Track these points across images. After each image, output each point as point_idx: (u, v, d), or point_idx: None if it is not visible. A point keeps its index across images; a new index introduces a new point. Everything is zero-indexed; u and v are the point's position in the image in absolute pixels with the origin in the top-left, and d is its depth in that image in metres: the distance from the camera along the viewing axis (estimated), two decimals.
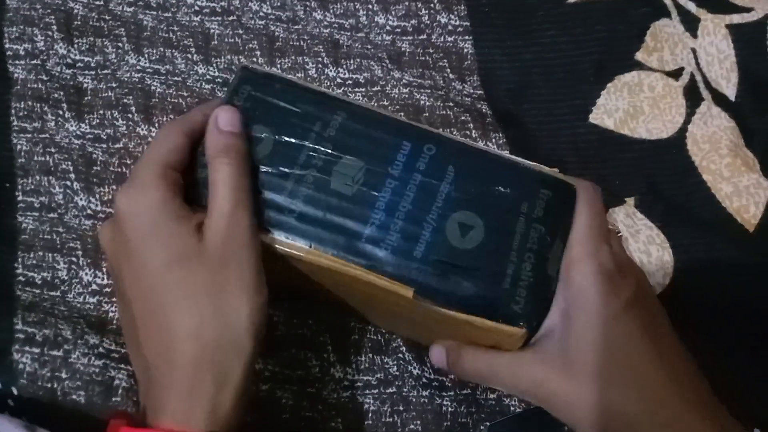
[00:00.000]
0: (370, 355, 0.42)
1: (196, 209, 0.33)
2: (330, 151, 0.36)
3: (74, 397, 0.38)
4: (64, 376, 0.38)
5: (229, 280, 0.30)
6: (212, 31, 0.48)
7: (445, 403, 0.41)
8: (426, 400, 0.41)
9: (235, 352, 0.29)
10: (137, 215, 0.31)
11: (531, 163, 0.37)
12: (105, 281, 0.41)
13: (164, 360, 0.30)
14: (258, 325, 0.30)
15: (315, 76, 0.48)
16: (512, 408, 0.41)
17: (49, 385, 0.38)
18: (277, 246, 0.34)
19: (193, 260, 0.30)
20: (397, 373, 0.41)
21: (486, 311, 0.33)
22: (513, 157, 0.38)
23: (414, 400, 0.41)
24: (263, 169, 0.35)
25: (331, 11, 0.50)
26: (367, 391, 0.41)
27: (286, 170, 0.35)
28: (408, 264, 0.34)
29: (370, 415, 0.40)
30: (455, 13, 0.51)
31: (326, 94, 0.38)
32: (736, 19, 0.51)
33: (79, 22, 0.47)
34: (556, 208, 0.35)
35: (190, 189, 0.34)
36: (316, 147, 0.36)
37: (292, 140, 0.36)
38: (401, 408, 0.41)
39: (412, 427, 0.40)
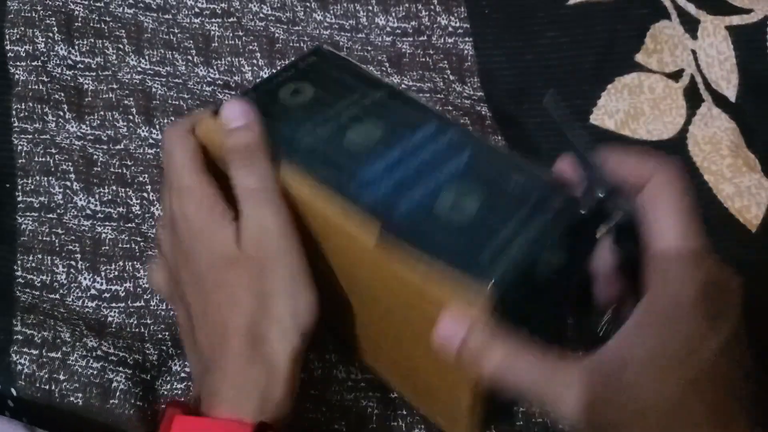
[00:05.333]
0: None
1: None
2: (358, 114, 0.35)
3: (72, 399, 0.37)
4: (62, 377, 0.37)
5: (271, 286, 0.31)
6: (212, 33, 0.48)
7: None
8: None
9: (283, 347, 0.31)
10: (188, 218, 0.32)
11: (557, 180, 0.33)
12: (104, 286, 0.41)
13: (219, 354, 0.31)
14: (304, 323, 0.31)
15: None
16: (520, 411, 0.41)
17: (47, 387, 0.37)
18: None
19: (235, 266, 0.31)
20: None
21: (453, 265, 0.29)
22: (540, 168, 0.34)
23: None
24: (295, 109, 0.35)
25: (331, 12, 0.50)
26: (371, 394, 0.40)
27: (313, 115, 0.35)
28: (387, 210, 0.31)
29: (374, 418, 0.40)
30: (455, 14, 0.51)
31: (379, 79, 0.38)
32: (736, 20, 0.51)
33: (79, 24, 0.47)
34: (568, 222, 0.31)
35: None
36: (348, 108, 0.35)
37: (329, 96, 0.36)
38: (404, 412, 0.40)
39: (416, 431, 0.40)
